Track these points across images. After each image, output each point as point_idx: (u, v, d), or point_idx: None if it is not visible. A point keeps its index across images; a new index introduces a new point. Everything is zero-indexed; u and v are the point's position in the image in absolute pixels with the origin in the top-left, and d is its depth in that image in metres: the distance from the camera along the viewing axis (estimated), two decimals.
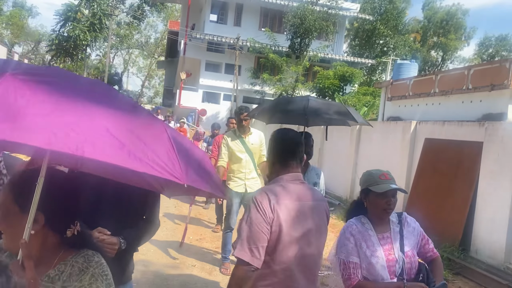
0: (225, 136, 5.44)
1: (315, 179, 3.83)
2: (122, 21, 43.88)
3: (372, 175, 2.40)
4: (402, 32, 31.86)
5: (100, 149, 1.11)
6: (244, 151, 5.19)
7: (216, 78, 27.32)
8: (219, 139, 6.69)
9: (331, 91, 20.82)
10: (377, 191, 2.31)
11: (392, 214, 2.44)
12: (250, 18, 27.58)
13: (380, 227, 2.41)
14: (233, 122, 6.19)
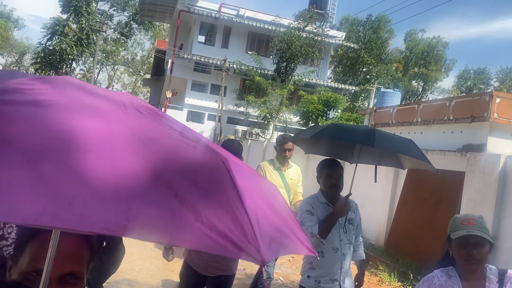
0: (263, 165, 4.65)
1: (350, 214, 3.19)
2: (109, 37, 43.91)
3: (455, 220, 2.13)
4: (385, 61, 32.74)
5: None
6: (283, 186, 4.47)
7: (202, 98, 27.45)
8: None
9: (315, 115, 21.11)
10: (455, 238, 2.03)
11: (492, 269, 2.08)
12: (238, 41, 27.99)
13: (470, 283, 2.06)
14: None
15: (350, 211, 3.14)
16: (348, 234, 3.17)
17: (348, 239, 3.16)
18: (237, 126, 27.27)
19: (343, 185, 3.22)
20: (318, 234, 2.96)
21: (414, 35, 38.72)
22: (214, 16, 26.47)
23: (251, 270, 6.73)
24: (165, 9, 30.49)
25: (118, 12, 40.57)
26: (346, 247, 3.13)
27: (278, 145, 4.62)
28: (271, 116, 23.88)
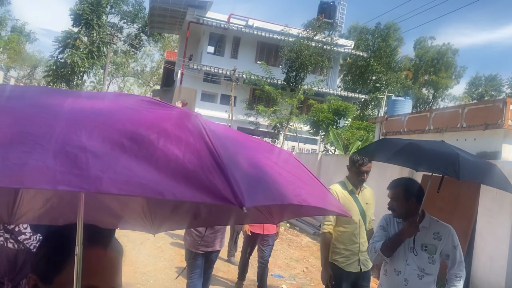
0: (335, 188, 3.99)
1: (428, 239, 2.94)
2: (119, 49, 44.42)
3: None
4: (395, 69, 32.64)
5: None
6: (358, 213, 3.91)
7: (212, 108, 27.54)
8: None
9: (325, 124, 21.06)
10: None
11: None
12: (247, 51, 28.11)
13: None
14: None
15: (432, 237, 2.92)
16: (420, 261, 2.92)
17: (419, 266, 2.92)
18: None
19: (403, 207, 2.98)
20: (380, 251, 2.93)
21: (423, 42, 38.60)
22: (223, 26, 26.66)
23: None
24: (174, 21, 30.79)
25: (128, 24, 41.07)
26: (412, 273, 2.93)
27: (354, 166, 3.99)
28: (281, 126, 23.87)
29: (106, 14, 35.07)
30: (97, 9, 30.19)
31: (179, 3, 27.43)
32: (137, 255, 6.96)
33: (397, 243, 2.91)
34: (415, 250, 2.92)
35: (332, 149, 20.23)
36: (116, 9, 37.18)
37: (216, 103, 27.86)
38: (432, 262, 2.92)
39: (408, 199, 2.94)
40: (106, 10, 34.51)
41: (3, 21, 41.40)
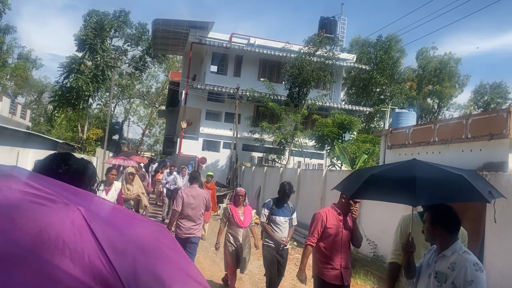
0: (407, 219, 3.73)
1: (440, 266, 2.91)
2: (124, 72, 44.93)
3: None
4: (398, 81, 32.62)
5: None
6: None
7: (216, 127, 27.63)
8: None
9: (330, 138, 20.99)
10: None
11: None
12: (249, 69, 28.29)
13: None
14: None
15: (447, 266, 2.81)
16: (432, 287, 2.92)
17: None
18: (252, 153, 27.27)
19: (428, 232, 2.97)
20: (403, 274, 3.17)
21: (425, 53, 38.63)
22: (225, 46, 26.90)
23: None
24: (177, 42, 31.16)
25: (132, 47, 41.59)
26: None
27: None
28: (286, 141, 23.83)
29: (110, 37, 35.58)
30: (100, 34, 30.63)
31: (181, 24, 27.79)
32: None
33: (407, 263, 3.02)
34: (431, 277, 2.93)
35: (339, 163, 20.11)
36: (120, 32, 37.70)
37: (221, 121, 27.95)
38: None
39: (433, 224, 2.90)
40: (110, 34, 35.00)
41: (10, 48, 42.14)
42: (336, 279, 4.49)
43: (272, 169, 19.96)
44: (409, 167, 3.00)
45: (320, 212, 4.76)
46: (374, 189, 3.07)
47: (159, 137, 55.44)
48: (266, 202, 6.34)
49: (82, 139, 31.09)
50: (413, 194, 2.65)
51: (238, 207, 6.73)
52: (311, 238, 4.62)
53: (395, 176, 3.00)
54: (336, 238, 4.54)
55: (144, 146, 60.00)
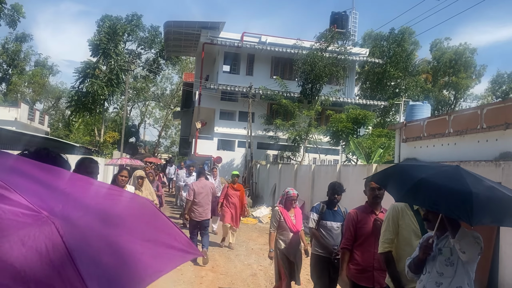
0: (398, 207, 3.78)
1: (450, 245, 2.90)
2: (139, 75, 45.42)
3: None
4: (413, 74, 32.19)
5: None
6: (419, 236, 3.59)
7: (231, 126, 27.73)
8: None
9: (344, 134, 20.86)
10: None
11: None
12: (262, 67, 28.31)
13: None
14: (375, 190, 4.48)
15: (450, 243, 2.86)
16: (439, 265, 2.91)
17: (438, 270, 2.90)
18: (267, 151, 27.28)
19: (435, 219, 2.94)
20: (407, 267, 3.07)
21: (439, 44, 38.03)
22: (237, 45, 26.97)
23: None
24: (189, 43, 31.37)
25: (146, 50, 42.02)
26: (430, 281, 2.91)
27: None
28: (300, 138, 23.76)
29: (123, 41, 36.03)
30: (113, 38, 31.04)
31: (193, 26, 27.97)
32: (157, 280, 6.97)
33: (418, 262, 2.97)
34: (435, 257, 2.93)
35: (354, 158, 19.98)
36: (133, 36, 38.16)
37: (235, 120, 28.04)
38: (449, 264, 2.88)
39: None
40: (123, 38, 35.45)
41: (27, 56, 43.05)
42: (367, 281, 4.22)
43: (287, 166, 19.95)
44: (459, 177, 2.80)
45: (350, 212, 4.56)
46: (424, 195, 2.80)
47: (175, 138, 55.86)
48: (315, 206, 5.56)
49: (99, 143, 31.57)
50: (470, 213, 2.48)
51: (289, 211, 6.07)
52: (345, 241, 4.41)
53: (447, 185, 2.75)
54: (369, 238, 4.26)
55: (161, 148, 60.51)
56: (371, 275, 4.19)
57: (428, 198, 2.78)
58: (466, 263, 2.87)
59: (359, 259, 4.29)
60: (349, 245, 4.36)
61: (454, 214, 2.67)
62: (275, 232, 5.93)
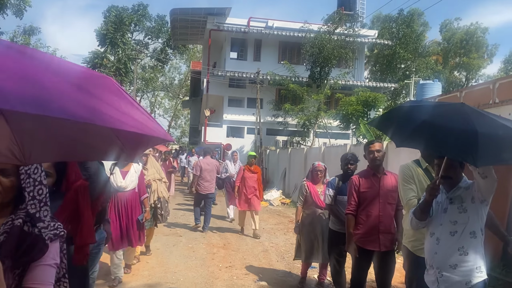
0: (408, 164, 3.76)
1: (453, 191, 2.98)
2: (147, 65, 45.44)
3: None
4: (423, 55, 31.70)
5: None
6: None
7: (239, 113, 27.67)
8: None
9: (355, 117, 20.66)
10: None
11: None
12: (269, 52, 28.11)
13: None
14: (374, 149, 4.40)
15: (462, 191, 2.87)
16: (451, 214, 2.86)
17: (451, 220, 2.86)
18: (277, 137, 27.21)
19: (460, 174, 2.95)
20: (413, 214, 3.02)
21: (449, 25, 37.35)
22: (244, 30, 26.78)
23: (297, 271, 6.59)
24: (196, 31, 31.25)
25: (153, 40, 41.96)
26: (444, 232, 2.87)
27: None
28: (310, 123, 23.62)
29: (130, 32, 35.99)
30: (120, 28, 31.04)
31: (199, 12, 27.83)
32: (168, 256, 7.03)
33: (424, 204, 2.91)
34: (446, 209, 2.91)
35: (365, 141, 19.83)
36: (139, 26, 38.10)
37: (243, 107, 27.97)
38: (462, 211, 2.85)
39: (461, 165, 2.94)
40: (130, 28, 35.42)
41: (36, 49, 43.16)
42: (373, 245, 4.17)
43: (297, 150, 19.89)
44: (464, 115, 2.63)
45: (352, 178, 4.49)
46: (425, 138, 2.66)
47: (185, 128, 55.98)
48: (330, 181, 5.27)
49: None
50: (474, 154, 2.37)
51: (317, 185, 5.81)
52: (349, 207, 4.35)
53: (451, 126, 2.60)
54: (373, 201, 4.22)
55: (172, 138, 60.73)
56: (377, 238, 4.17)
57: (431, 142, 2.67)
58: (482, 200, 2.84)
59: (364, 223, 4.25)
60: (354, 210, 4.32)
61: (459, 157, 2.59)
62: (301, 206, 5.83)
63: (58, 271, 1.60)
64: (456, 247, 2.81)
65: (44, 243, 1.52)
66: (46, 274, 1.47)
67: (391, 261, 4.29)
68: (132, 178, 5.44)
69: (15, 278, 1.47)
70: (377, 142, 4.40)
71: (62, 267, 1.64)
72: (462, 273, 2.80)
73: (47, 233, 1.55)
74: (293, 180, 17.91)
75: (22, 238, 1.65)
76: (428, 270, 2.99)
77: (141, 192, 5.65)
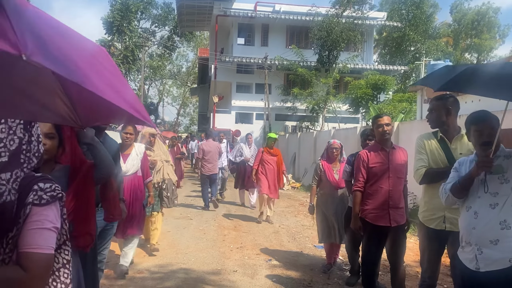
0: (422, 136, 3.71)
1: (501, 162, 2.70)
2: (154, 53, 45.34)
3: None
4: (433, 37, 31.20)
5: None
6: (446, 162, 3.41)
7: (248, 99, 27.55)
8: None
9: (364, 100, 20.46)
10: None
11: None
12: (277, 37, 27.85)
13: None
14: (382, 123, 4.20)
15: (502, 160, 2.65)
16: (492, 186, 2.63)
17: (491, 192, 2.63)
18: (286, 122, 27.09)
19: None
20: (450, 192, 2.72)
21: (460, 5, 36.62)
22: (250, 15, 26.53)
23: (308, 251, 6.54)
24: (202, 17, 31.03)
25: (160, 27, 41.78)
26: (483, 205, 2.64)
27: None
28: (319, 108, 23.44)
29: (137, 20, 35.84)
30: (127, 15, 30.94)
31: None
32: (179, 239, 7.02)
33: (467, 181, 2.67)
34: (486, 181, 2.65)
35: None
36: (146, 14, 37.94)
37: (252, 93, 27.85)
38: (504, 181, 2.61)
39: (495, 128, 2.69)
40: (137, 16, 35.27)
41: None
42: (384, 220, 4.04)
43: (306, 134, 19.78)
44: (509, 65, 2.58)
45: (360, 153, 4.34)
46: (470, 81, 2.58)
47: (194, 116, 55.98)
48: (348, 158, 5.20)
49: None
50: None
51: (333, 164, 5.63)
52: (357, 183, 4.21)
53: (495, 71, 2.57)
54: (383, 176, 4.08)
55: (181, 127, 60.71)
56: (387, 213, 4.05)
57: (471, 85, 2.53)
58: None
59: (373, 199, 4.13)
60: (361, 187, 4.20)
61: (501, 96, 2.44)
62: (316, 186, 5.71)
63: (58, 237, 1.46)
64: (498, 220, 2.58)
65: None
66: (45, 238, 1.34)
67: (402, 236, 4.20)
68: (133, 162, 4.91)
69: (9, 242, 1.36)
70: (386, 116, 4.25)
71: (62, 233, 1.51)
72: (504, 249, 2.56)
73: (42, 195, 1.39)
74: (303, 165, 17.84)
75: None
76: (464, 247, 2.74)
77: (145, 175, 5.15)
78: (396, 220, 4.07)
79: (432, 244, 3.41)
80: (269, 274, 5.26)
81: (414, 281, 4.97)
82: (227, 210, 10.23)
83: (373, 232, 4.14)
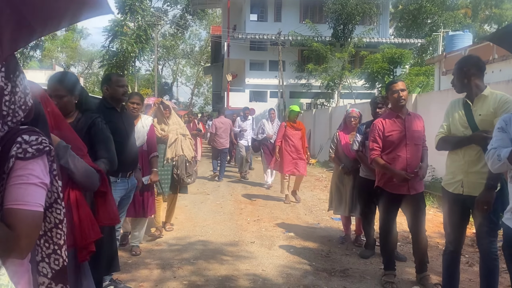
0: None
1: None
2: (167, 33, 45.08)
3: None
4: (451, 8, 30.29)
5: None
6: (467, 125, 3.26)
7: (261, 76, 27.32)
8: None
9: (380, 75, 20.10)
10: None
11: None
12: (290, 12, 27.37)
13: None
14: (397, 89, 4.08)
15: None
16: None
17: None
18: (300, 100, 26.83)
19: None
20: (508, 160, 2.37)
21: None
22: None
23: (325, 223, 6.53)
24: None
25: (172, 6, 41.46)
26: None
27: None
28: (334, 83, 23.13)
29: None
30: None
31: None
32: (197, 212, 7.08)
33: None
34: None
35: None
36: None
37: (265, 70, 27.58)
38: None
39: None
40: None
41: None
42: (401, 188, 3.93)
43: (321, 110, 19.61)
44: None
45: (375, 122, 4.18)
46: None
47: (208, 95, 55.96)
48: (359, 127, 5.15)
49: None
50: None
51: (351, 134, 5.49)
52: (373, 152, 4.03)
53: None
54: (400, 144, 3.95)
55: (196, 108, 60.89)
56: (406, 181, 3.92)
57: None
58: None
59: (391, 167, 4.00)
60: (379, 153, 4.04)
61: None
62: (333, 155, 5.66)
63: (49, 195, 1.36)
64: None
65: None
66: (30, 194, 1.22)
67: (422, 203, 4.10)
68: (138, 135, 4.41)
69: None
70: (400, 81, 4.08)
71: (53, 190, 1.37)
72: None
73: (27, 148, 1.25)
74: (318, 141, 17.74)
75: None
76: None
77: (150, 149, 4.73)
78: (415, 188, 3.97)
79: (452, 208, 3.34)
80: (286, 245, 5.28)
81: (435, 251, 4.93)
82: (243, 186, 10.26)
83: (390, 201, 4.07)
